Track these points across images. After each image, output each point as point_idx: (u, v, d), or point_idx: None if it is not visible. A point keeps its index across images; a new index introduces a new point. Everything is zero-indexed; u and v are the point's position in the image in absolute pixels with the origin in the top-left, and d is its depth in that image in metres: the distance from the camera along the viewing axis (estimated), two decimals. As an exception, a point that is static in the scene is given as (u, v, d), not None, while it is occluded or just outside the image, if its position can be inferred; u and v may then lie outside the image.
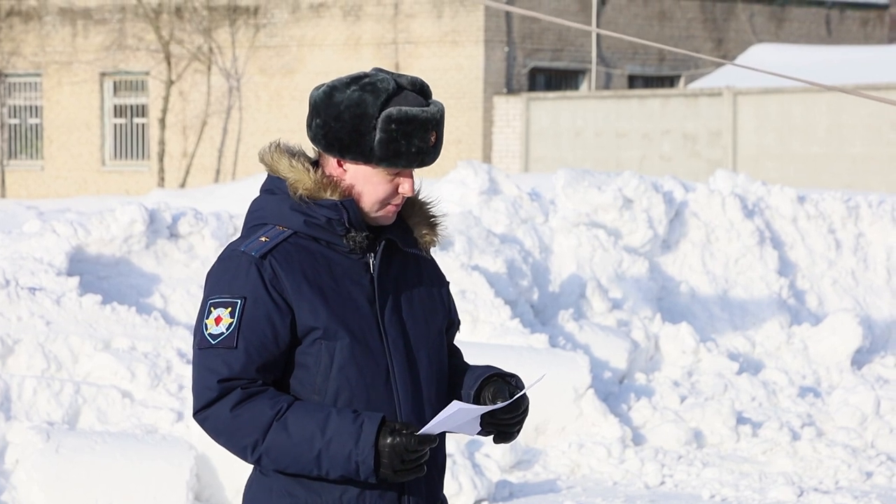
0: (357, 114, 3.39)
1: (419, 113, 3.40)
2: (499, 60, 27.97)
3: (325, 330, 3.37)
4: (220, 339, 3.36)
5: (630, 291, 11.21)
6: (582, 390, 9.34)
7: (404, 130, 3.39)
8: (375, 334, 3.42)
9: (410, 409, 3.44)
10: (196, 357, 3.39)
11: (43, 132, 31.27)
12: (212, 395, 3.35)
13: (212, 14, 29.64)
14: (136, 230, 9.51)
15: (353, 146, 3.40)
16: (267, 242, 3.40)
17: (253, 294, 3.36)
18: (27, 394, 8.15)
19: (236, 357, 3.34)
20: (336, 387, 3.38)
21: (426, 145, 3.42)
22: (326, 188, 3.42)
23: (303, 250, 3.41)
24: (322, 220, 3.41)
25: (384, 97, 3.40)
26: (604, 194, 11.58)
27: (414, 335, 3.47)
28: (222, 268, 3.41)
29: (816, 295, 12.05)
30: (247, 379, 3.35)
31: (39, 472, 7.60)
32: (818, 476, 8.94)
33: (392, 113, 3.38)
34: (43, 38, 31.07)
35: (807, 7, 31.71)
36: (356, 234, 3.43)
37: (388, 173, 3.43)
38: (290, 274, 3.38)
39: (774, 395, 10.34)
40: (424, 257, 3.55)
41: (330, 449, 3.30)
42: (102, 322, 8.72)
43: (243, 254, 3.40)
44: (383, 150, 3.39)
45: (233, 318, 3.35)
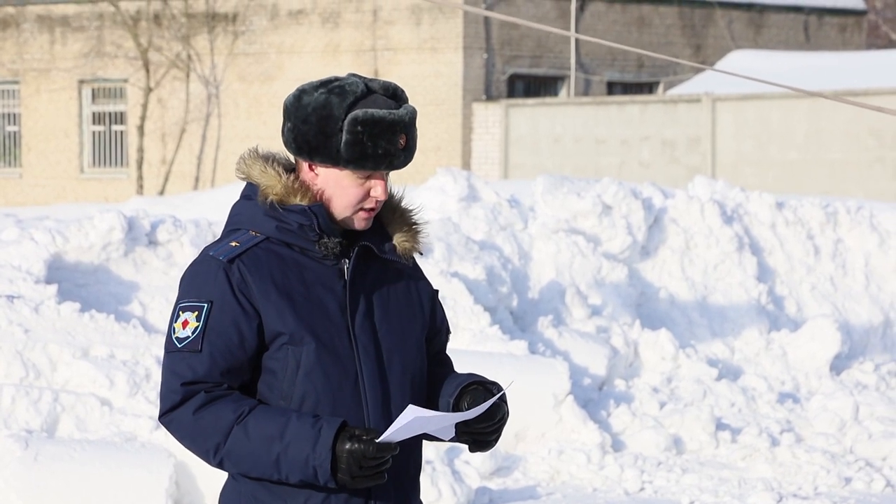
0: (323, 116, 3.39)
1: (386, 115, 3.39)
2: (478, 67, 27.99)
3: (291, 335, 3.37)
4: (185, 342, 3.37)
5: (609, 298, 11.22)
6: (561, 397, 9.34)
7: (370, 132, 3.38)
8: (345, 340, 3.41)
9: (379, 416, 3.42)
10: (164, 361, 3.41)
11: (21, 140, 31.19)
12: (175, 398, 3.36)
13: (190, 21, 29.61)
14: (114, 238, 9.49)
15: (321, 149, 3.39)
16: (237, 247, 3.40)
17: (220, 298, 3.37)
18: (5, 401, 8.12)
19: (200, 361, 3.35)
20: (302, 392, 3.37)
21: (394, 147, 3.41)
22: (296, 193, 3.42)
23: (274, 255, 3.41)
24: (294, 226, 3.41)
25: (351, 99, 3.39)
26: (583, 201, 11.60)
27: (387, 342, 3.45)
28: (193, 272, 3.43)
29: (795, 301, 12.07)
30: (211, 382, 3.36)
31: (18, 479, 7.57)
32: (797, 482, 8.95)
33: (358, 115, 3.38)
34: (21, 46, 30.99)
35: (785, 13, 31.80)
36: (328, 240, 3.42)
37: (359, 176, 3.42)
38: (257, 279, 3.37)
39: (753, 401, 10.36)
40: (406, 265, 3.53)
41: (288, 453, 3.30)
42: (81, 330, 8.70)
43: (212, 258, 3.41)
44: (349, 152, 3.38)
45: (199, 321, 3.36)
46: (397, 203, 3.54)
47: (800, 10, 31.92)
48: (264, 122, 29.04)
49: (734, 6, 31.07)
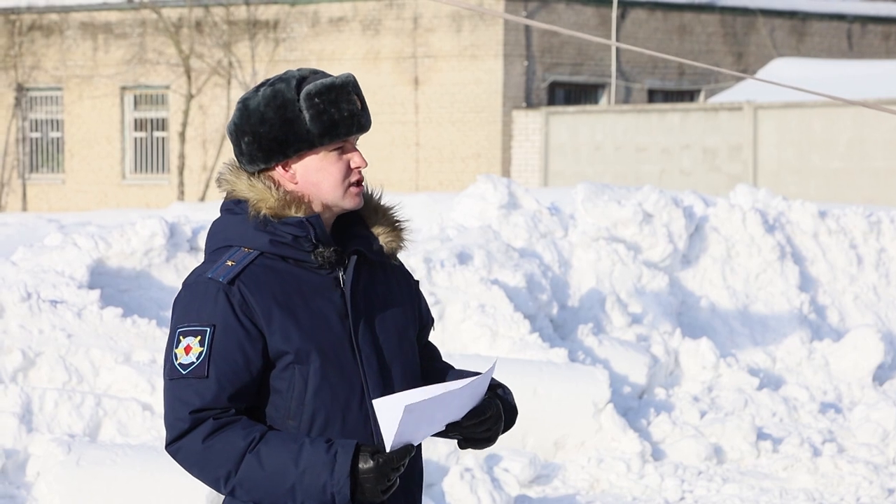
0: (278, 105, 3.36)
1: (334, 79, 3.38)
2: (518, 74, 27.98)
3: (296, 353, 3.32)
4: (190, 368, 3.29)
5: (650, 306, 11.19)
6: (601, 405, 9.32)
7: (329, 99, 3.36)
8: (348, 352, 3.37)
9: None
10: (167, 388, 3.33)
11: (64, 146, 31.38)
12: (183, 426, 3.29)
13: (232, 28, 29.72)
14: (156, 243, 9.53)
15: (290, 137, 3.35)
16: (233, 266, 3.33)
17: (223, 321, 3.30)
18: (48, 406, 8.17)
19: (207, 386, 3.28)
20: (311, 411, 3.33)
21: (355, 108, 3.38)
22: (290, 205, 3.36)
23: (270, 271, 3.34)
24: (288, 238, 3.35)
25: (295, 82, 3.38)
26: (623, 209, 11.57)
27: (387, 349, 3.43)
28: (189, 295, 3.34)
29: (838, 310, 12.01)
30: (219, 408, 3.29)
31: (61, 484, 7.61)
32: (839, 492, 8.90)
33: (310, 89, 3.36)
34: (64, 53, 31.18)
35: (828, 21, 31.67)
36: (324, 250, 3.37)
37: (334, 151, 3.38)
38: (259, 298, 3.31)
39: (795, 411, 10.31)
40: (391, 264, 3.50)
41: (304, 481, 3.24)
42: (123, 335, 8.74)
43: (210, 280, 3.32)
44: (318, 124, 3.34)
45: (203, 346, 3.29)
46: (377, 203, 3.49)
47: (843, 18, 31.77)
48: (305, 129, 29.11)
49: (776, 14, 30.95)
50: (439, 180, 28.24)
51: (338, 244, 3.41)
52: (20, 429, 7.99)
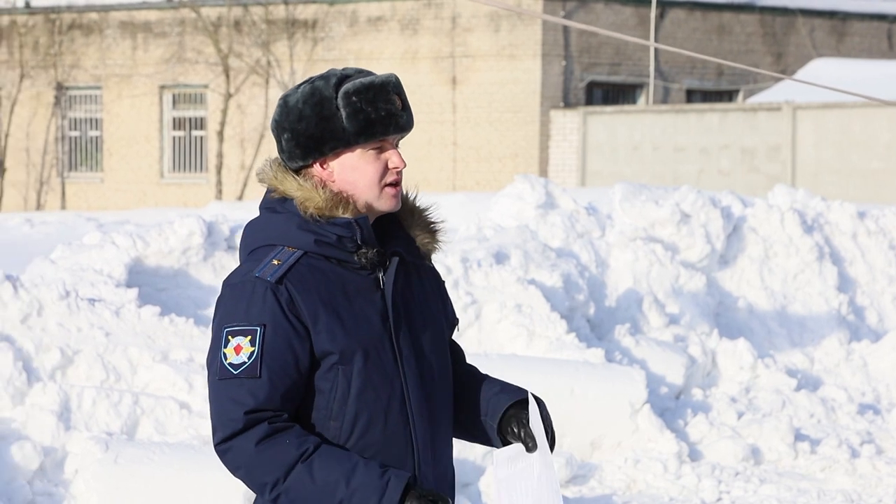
0: (315, 102, 3.35)
1: (374, 79, 3.37)
2: (556, 74, 27.95)
3: (341, 353, 3.31)
4: (242, 368, 3.26)
5: (687, 306, 11.16)
6: (638, 405, 9.30)
7: (366, 98, 3.34)
8: (389, 353, 3.37)
9: (424, 427, 3.40)
10: (215, 388, 3.29)
11: (103, 144, 31.52)
12: (237, 426, 3.27)
13: (270, 27, 29.80)
14: (194, 242, 9.56)
15: (326, 134, 3.34)
16: (280, 266, 3.32)
17: (272, 321, 3.28)
18: (86, 404, 8.21)
19: (260, 386, 3.26)
20: (354, 412, 3.33)
21: (394, 107, 3.36)
22: (338, 206, 3.35)
23: (315, 271, 3.34)
24: (332, 238, 3.34)
25: (335, 80, 3.37)
26: (661, 209, 11.54)
27: (425, 350, 3.43)
28: (236, 294, 3.32)
29: (876, 311, 11.95)
30: (272, 410, 3.28)
31: (98, 481, 7.65)
32: (877, 494, 8.86)
33: (348, 88, 3.35)
34: (103, 52, 31.33)
35: (868, 21, 31.50)
36: (367, 251, 3.36)
37: (371, 150, 3.37)
38: (306, 298, 3.31)
39: (833, 412, 10.27)
40: (426, 267, 3.50)
41: (353, 500, 3.24)
42: (161, 333, 8.78)
43: (258, 279, 3.30)
44: (354, 123, 3.33)
45: (254, 346, 3.27)
46: (413, 204, 3.49)
47: (883, 18, 31.60)
48: (343, 129, 29.15)
49: (816, 14, 30.81)
50: (476, 180, 28.24)
51: (378, 245, 3.41)
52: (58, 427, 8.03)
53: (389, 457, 3.35)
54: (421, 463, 3.40)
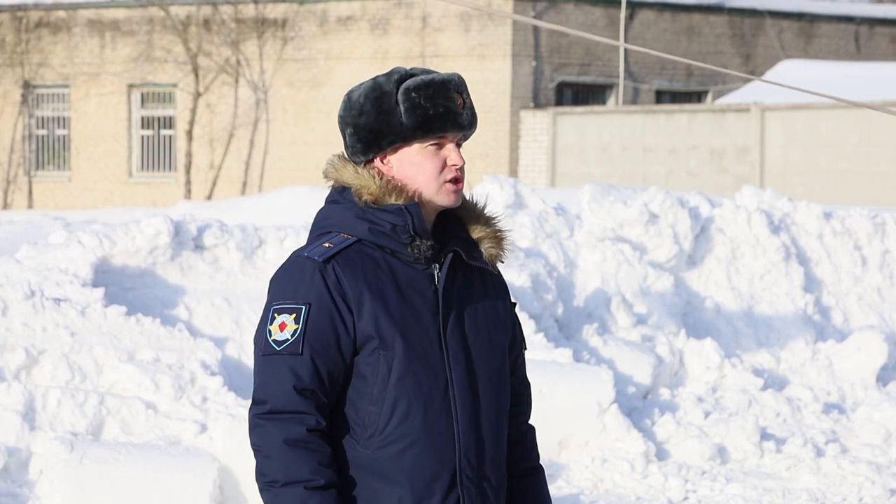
0: (375, 97, 3.40)
1: (435, 76, 3.42)
2: (526, 74, 27.98)
3: (383, 339, 3.35)
4: (285, 345, 3.33)
5: (655, 306, 11.19)
6: (606, 405, 9.32)
7: (425, 95, 3.39)
8: (436, 347, 3.39)
9: (468, 424, 3.40)
10: (259, 363, 3.37)
11: (70, 143, 31.40)
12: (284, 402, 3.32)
13: (240, 27, 29.74)
14: (161, 242, 9.54)
15: (385, 129, 3.39)
16: (331, 248, 3.38)
17: (318, 300, 3.34)
18: (51, 404, 8.18)
19: (302, 364, 3.33)
20: (394, 398, 3.35)
21: (453, 105, 3.40)
22: (391, 193, 3.39)
23: (367, 258, 3.38)
24: (387, 227, 3.38)
25: (397, 77, 3.43)
26: (629, 209, 11.57)
27: (476, 350, 3.43)
28: (286, 274, 3.39)
29: (842, 311, 12.00)
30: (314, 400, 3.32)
31: (63, 482, 7.62)
32: (842, 492, 8.90)
33: (409, 84, 3.40)
34: (71, 50, 31.21)
35: (836, 23, 31.64)
36: (421, 243, 3.40)
37: (430, 146, 3.41)
38: (352, 280, 3.35)
39: (799, 412, 10.31)
40: (490, 272, 3.50)
41: None
42: (127, 333, 8.75)
43: (307, 259, 3.37)
44: (411, 118, 3.38)
45: (297, 324, 3.34)
46: (481, 211, 3.51)
47: (851, 20, 31.74)
48: (312, 128, 29.13)
49: (784, 16, 30.93)
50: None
51: (436, 243, 3.43)
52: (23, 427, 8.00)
53: (429, 449, 3.36)
54: (463, 457, 3.39)
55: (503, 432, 3.49)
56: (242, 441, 8.04)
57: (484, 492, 3.44)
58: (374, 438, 3.36)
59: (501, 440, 3.48)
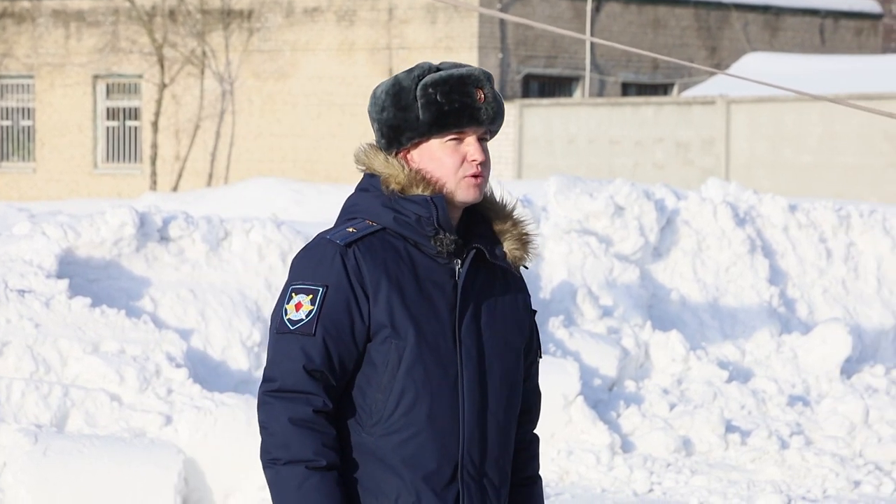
0: (395, 92, 3.42)
1: (454, 72, 3.43)
2: (492, 67, 27.98)
3: (396, 328, 3.35)
4: (299, 325, 3.35)
5: (621, 299, 11.21)
6: (571, 397, 9.33)
7: (442, 90, 3.41)
8: (449, 341, 3.39)
9: (474, 422, 3.41)
10: (273, 340, 3.39)
11: (35, 134, 31.24)
12: (287, 382, 3.34)
13: (205, 17, 29.63)
14: (126, 233, 9.50)
15: (403, 124, 3.41)
16: (354, 233, 3.39)
17: (336, 282, 3.36)
18: (15, 396, 8.14)
19: (313, 345, 3.34)
20: (401, 387, 3.36)
21: (471, 100, 3.41)
22: (419, 184, 3.40)
23: (389, 246, 3.39)
24: (412, 218, 3.39)
25: (418, 72, 3.44)
26: (595, 201, 11.58)
27: (490, 349, 3.43)
28: (307, 255, 3.41)
29: (807, 304, 12.05)
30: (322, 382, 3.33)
31: (27, 474, 7.59)
32: (806, 484, 8.94)
33: (427, 80, 3.42)
34: (36, 40, 31.04)
35: (801, 16, 31.75)
36: (444, 236, 3.40)
37: (449, 141, 3.41)
38: (371, 266, 3.37)
39: (763, 404, 10.35)
40: (512, 273, 3.51)
41: None
42: (91, 325, 8.71)
43: (329, 242, 3.39)
44: (427, 114, 3.39)
45: (313, 305, 3.35)
46: (510, 212, 3.52)
47: (816, 13, 31.86)
48: (278, 120, 29.06)
49: (750, 8, 31.03)
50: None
51: (460, 238, 3.43)
52: (-13, 418, 7.96)
53: (431, 441, 3.37)
54: (466, 452, 3.40)
55: (511, 434, 3.49)
56: (208, 433, 8.02)
57: (484, 489, 3.44)
58: (378, 426, 3.37)
59: (508, 441, 3.48)
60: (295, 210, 20.35)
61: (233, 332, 9.40)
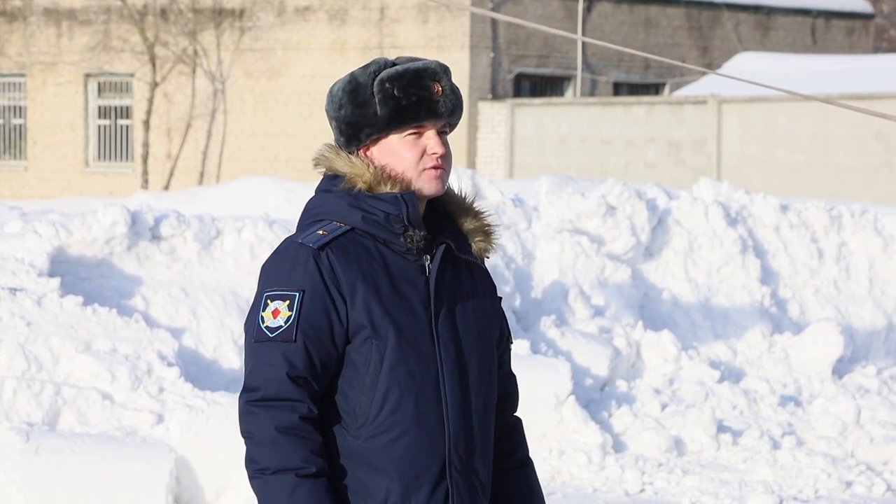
0: (351, 89, 3.41)
1: (409, 66, 3.40)
2: (484, 66, 27.98)
3: (376, 329, 3.34)
4: (278, 332, 3.31)
5: (612, 298, 11.21)
6: (563, 397, 9.34)
7: (399, 85, 3.38)
8: (427, 337, 3.38)
9: (458, 416, 3.40)
10: (251, 350, 3.34)
11: (27, 133, 31.20)
12: (271, 390, 3.30)
13: (197, 16, 29.61)
14: (117, 232, 9.49)
15: (362, 121, 3.39)
16: (325, 235, 3.36)
17: (311, 286, 3.32)
18: (7, 394, 8.13)
19: (295, 351, 3.31)
20: (385, 387, 3.34)
21: (429, 93, 3.39)
22: (386, 181, 3.38)
23: (360, 246, 3.37)
24: (380, 217, 3.37)
25: (374, 68, 3.42)
26: (587, 201, 11.59)
27: (466, 342, 3.43)
28: (279, 260, 3.37)
29: (798, 304, 12.06)
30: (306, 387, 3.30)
31: (18, 472, 7.58)
32: (798, 485, 8.95)
33: (383, 75, 3.40)
34: (27, 39, 31.00)
35: (792, 16, 31.78)
36: (414, 233, 3.39)
37: (408, 136, 3.40)
38: (346, 268, 3.34)
39: (755, 404, 10.36)
40: (478, 265, 3.51)
41: None
42: (83, 323, 8.70)
43: (301, 245, 3.35)
44: (385, 109, 3.37)
45: (291, 310, 3.31)
46: (470, 205, 3.52)
47: (807, 13, 31.90)
48: (270, 119, 29.05)
49: (741, 8, 31.05)
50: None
51: (424, 229, 3.42)
52: (-22, 417, 7.95)
53: (419, 440, 3.36)
54: (452, 449, 3.39)
55: (491, 426, 3.49)
56: (199, 432, 8.02)
57: (472, 485, 3.43)
58: (364, 428, 3.35)
59: (490, 434, 3.49)
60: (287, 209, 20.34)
61: (224, 330, 9.39)
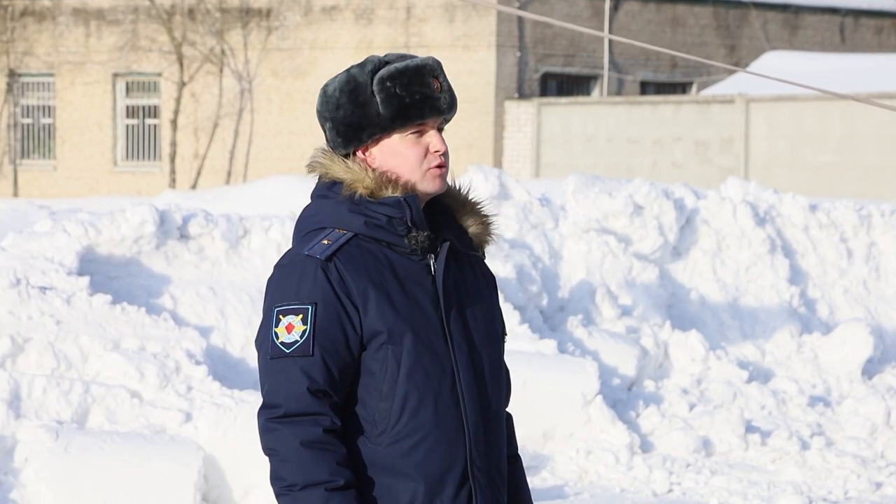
0: (350, 89, 3.36)
1: (409, 63, 3.35)
2: (510, 65, 27.97)
3: (390, 333, 3.31)
4: (294, 346, 3.27)
5: (640, 298, 11.19)
6: (590, 396, 9.32)
7: (401, 83, 3.34)
8: (440, 338, 3.37)
9: (476, 415, 3.39)
10: (268, 366, 3.30)
11: (55, 132, 31.32)
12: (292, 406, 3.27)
13: (224, 16, 29.68)
14: (146, 231, 9.52)
15: (363, 121, 3.35)
16: (330, 245, 3.31)
17: (323, 298, 3.28)
18: (37, 392, 8.16)
19: (313, 364, 3.27)
20: (404, 392, 3.32)
21: (430, 90, 3.36)
22: (387, 185, 3.35)
23: (366, 252, 3.34)
24: (382, 220, 3.34)
25: (370, 67, 3.37)
26: (614, 200, 11.57)
27: (476, 338, 3.42)
28: (285, 273, 3.32)
29: (827, 304, 12.02)
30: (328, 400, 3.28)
31: (48, 470, 7.61)
32: (827, 486, 8.91)
33: (382, 73, 3.35)
34: (56, 39, 31.12)
35: (821, 14, 31.67)
36: (418, 234, 3.36)
37: (410, 135, 3.37)
38: (355, 277, 3.31)
39: (784, 404, 10.32)
40: (479, 260, 3.49)
41: None
42: (112, 322, 8.73)
43: (308, 257, 3.31)
44: (388, 108, 3.33)
45: (306, 324, 3.28)
46: (465, 197, 3.49)
47: (836, 12, 31.78)
48: (296, 118, 29.08)
49: (769, 7, 30.96)
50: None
51: (427, 228, 3.40)
52: (8, 415, 7.98)
53: (440, 442, 3.35)
54: (472, 448, 3.38)
55: (503, 419, 3.49)
56: (227, 430, 8.03)
57: (494, 482, 3.43)
58: (385, 435, 3.33)
59: (503, 427, 3.49)
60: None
61: (252, 329, 9.41)
